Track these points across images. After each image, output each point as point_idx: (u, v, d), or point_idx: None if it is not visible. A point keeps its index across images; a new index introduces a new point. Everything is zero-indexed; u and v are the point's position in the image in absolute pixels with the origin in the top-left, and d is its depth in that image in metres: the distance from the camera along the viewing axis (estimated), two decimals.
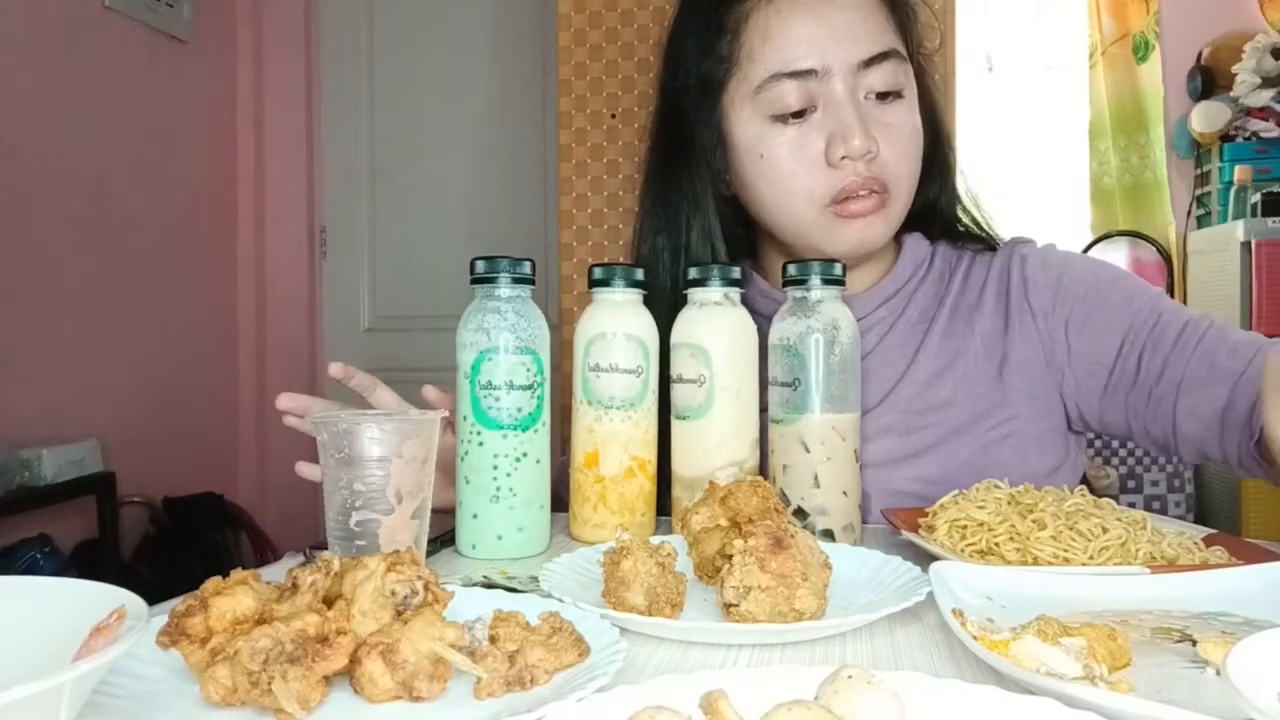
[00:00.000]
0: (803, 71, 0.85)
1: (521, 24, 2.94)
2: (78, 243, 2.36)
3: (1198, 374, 0.83)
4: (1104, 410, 0.90)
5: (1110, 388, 0.88)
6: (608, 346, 0.78)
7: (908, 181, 0.89)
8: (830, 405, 0.76)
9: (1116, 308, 0.89)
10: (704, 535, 0.64)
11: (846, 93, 0.85)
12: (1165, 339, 0.85)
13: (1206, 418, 0.82)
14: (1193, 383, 0.83)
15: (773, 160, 0.88)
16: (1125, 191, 2.77)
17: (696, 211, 0.94)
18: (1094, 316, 0.89)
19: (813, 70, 0.85)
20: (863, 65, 0.85)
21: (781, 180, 0.88)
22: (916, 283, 0.96)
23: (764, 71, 0.86)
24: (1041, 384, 0.91)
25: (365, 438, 0.64)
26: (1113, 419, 0.90)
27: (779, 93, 0.86)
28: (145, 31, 2.59)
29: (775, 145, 0.87)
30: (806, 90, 0.86)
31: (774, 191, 0.89)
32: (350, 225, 3.09)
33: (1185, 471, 2.43)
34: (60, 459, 2.22)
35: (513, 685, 0.45)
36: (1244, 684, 0.35)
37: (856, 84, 0.86)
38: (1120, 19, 2.76)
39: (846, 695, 0.38)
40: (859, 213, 0.86)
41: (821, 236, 0.88)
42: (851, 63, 0.85)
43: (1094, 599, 0.57)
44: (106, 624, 0.40)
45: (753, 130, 0.88)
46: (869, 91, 0.86)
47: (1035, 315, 0.92)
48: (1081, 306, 0.90)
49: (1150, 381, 0.85)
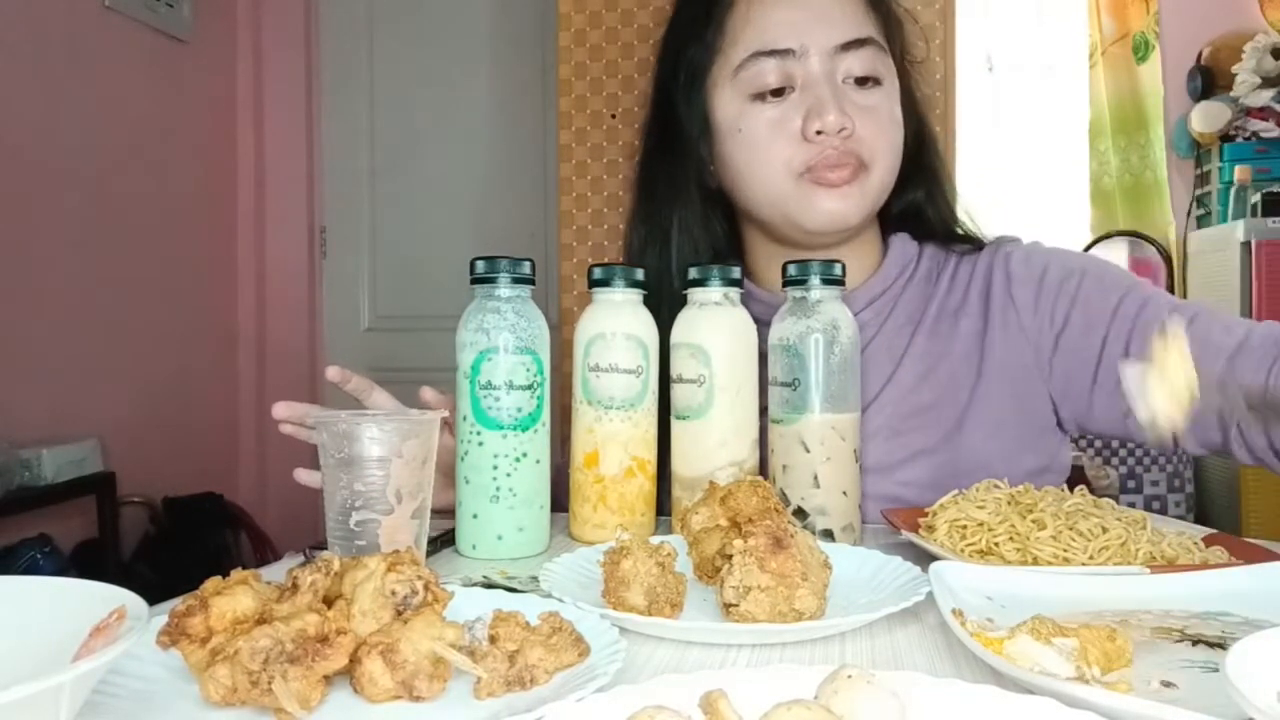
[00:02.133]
0: (781, 50, 0.87)
1: (521, 24, 2.94)
2: (78, 242, 2.36)
3: (1191, 352, 0.83)
4: (1095, 405, 0.89)
5: (1099, 379, 0.88)
6: (608, 346, 0.78)
7: (886, 161, 0.89)
8: (830, 405, 0.76)
9: (1101, 297, 0.89)
10: (704, 535, 0.64)
11: (824, 74, 0.87)
12: (1152, 324, 0.85)
13: (1204, 392, 0.81)
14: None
15: (751, 135, 0.89)
16: (1125, 191, 2.77)
17: (678, 203, 0.95)
18: (1078, 307, 0.89)
19: (791, 50, 0.87)
20: (841, 48, 0.87)
21: (759, 152, 0.88)
22: (903, 284, 0.96)
23: (744, 51, 0.88)
24: (1026, 383, 0.91)
25: (365, 438, 0.64)
26: (1103, 413, 0.89)
27: (758, 71, 0.87)
28: (145, 31, 2.59)
29: (754, 121, 0.88)
30: (785, 69, 0.87)
31: (751, 163, 0.89)
32: (350, 225, 3.09)
33: (1185, 471, 2.43)
34: (60, 459, 2.22)
35: (513, 685, 0.45)
36: (1244, 684, 0.35)
37: (834, 66, 0.87)
38: (1120, 19, 2.76)
39: (846, 695, 0.38)
40: (834, 181, 0.87)
41: (796, 206, 0.88)
42: (829, 45, 0.87)
43: (1094, 599, 0.57)
44: (106, 624, 0.40)
45: (733, 109, 0.90)
46: (847, 75, 0.88)
47: (1019, 311, 0.91)
48: (1065, 299, 0.90)
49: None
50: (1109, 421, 0.89)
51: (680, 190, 0.95)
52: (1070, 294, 0.90)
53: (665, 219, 0.96)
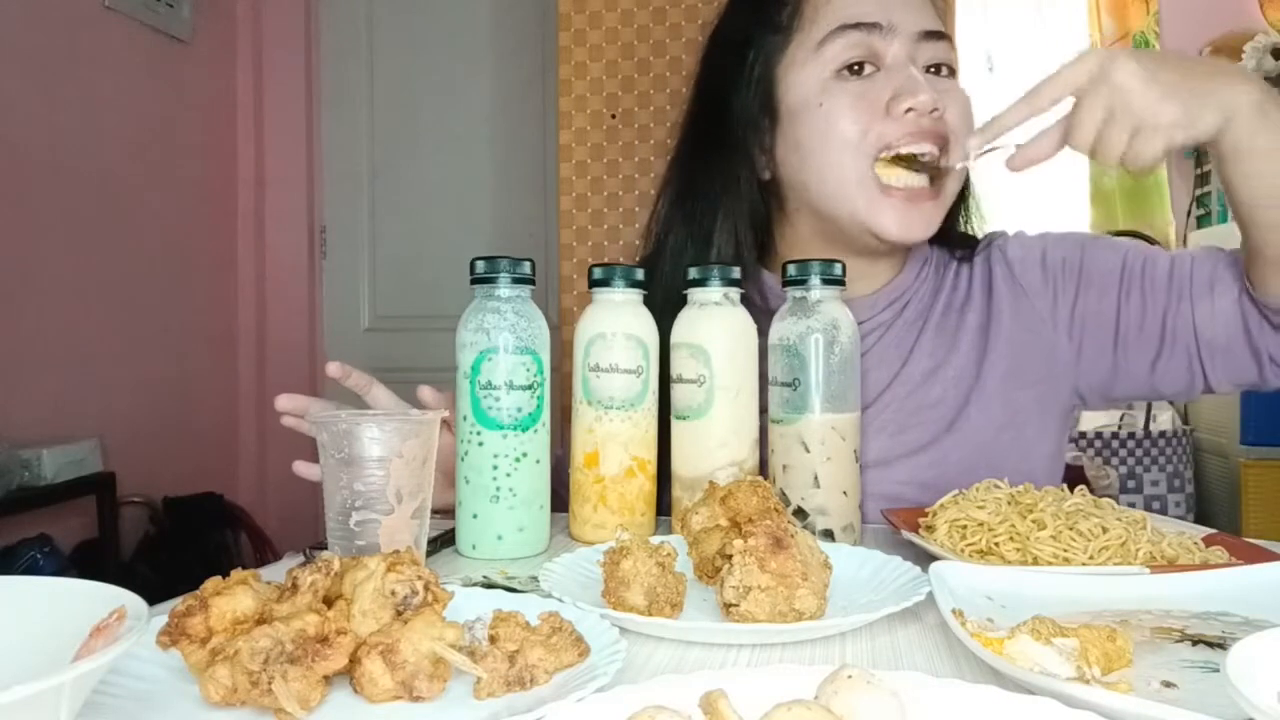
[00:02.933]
0: (868, 24, 0.86)
1: (521, 24, 2.94)
2: (78, 242, 2.36)
3: (1201, 285, 0.86)
4: (1119, 366, 0.90)
5: (1121, 338, 0.89)
6: (608, 346, 0.78)
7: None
8: (830, 405, 0.76)
9: (1103, 263, 0.91)
10: (704, 535, 0.64)
11: (908, 56, 0.86)
12: (1159, 275, 0.88)
13: (1227, 311, 0.84)
14: (1201, 292, 0.86)
15: (832, 108, 0.86)
16: (1125, 191, 2.77)
17: (726, 195, 0.93)
18: (1085, 277, 0.92)
19: (879, 24, 0.86)
20: (923, 35, 0.87)
21: (839, 124, 0.86)
22: (919, 284, 0.97)
23: (828, 25, 0.87)
24: (1037, 368, 0.92)
25: (365, 438, 0.64)
26: (1128, 372, 0.90)
27: (844, 44, 0.86)
28: (145, 31, 2.59)
29: (838, 94, 0.86)
30: (871, 44, 0.86)
31: (828, 138, 0.86)
32: (350, 225, 3.09)
33: (1185, 471, 2.43)
34: (60, 459, 2.22)
35: (513, 685, 0.45)
36: (1244, 684, 0.35)
37: (916, 52, 0.87)
38: (1120, 19, 2.76)
39: (846, 695, 0.38)
40: (912, 199, 0.85)
41: (866, 207, 0.86)
42: (914, 29, 0.86)
43: (1094, 599, 0.57)
44: (106, 624, 0.40)
45: (815, 83, 0.87)
46: (929, 62, 0.88)
47: (1031, 296, 0.93)
48: (1070, 274, 0.92)
49: (1159, 310, 0.87)
50: (1134, 379, 0.91)
51: (730, 184, 0.93)
52: (1075, 267, 0.92)
53: (709, 216, 0.93)
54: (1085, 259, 0.92)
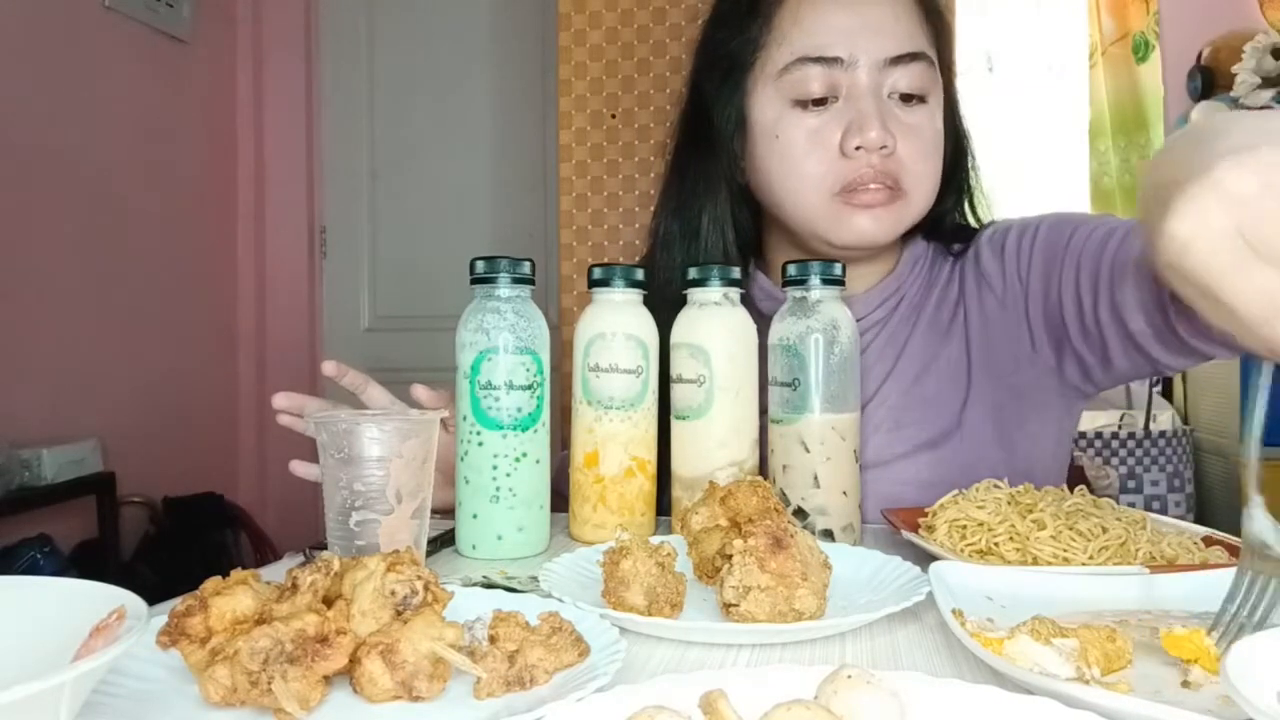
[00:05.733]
0: (829, 59, 0.85)
1: (521, 24, 2.94)
2: (78, 242, 2.36)
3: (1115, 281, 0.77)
4: (1078, 341, 0.83)
5: (1065, 310, 0.83)
6: (608, 346, 0.78)
7: (925, 184, 0.88)
8: (830, 405, 0.76)
9: (1054, 239, 0.86)
10: (704, 535, 0.64)
11: (870, 86, 0.85)
12: (1089, 248, 0.81)
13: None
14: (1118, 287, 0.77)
15: (787, 143, 0.87)
16: (1125, 191, 2.77)
17: (710, 196, 0.94)
18: (1037, 255, 0.88)
19: (839, 59, 0.85)
20: (890, 62, 0.85)
21: (794, 163, 0.87)
22: (912, 280, 0.97)
23: (790, 54, 0.86)
24: (1005, 361, 0.90)
25: (365, 437, 0.64)
26: (1089, 345, 0.83)
27: (803, 76, 0.85)
28: (145, 31, 2.59)
29: (792, 129, 0.87)
30: (830, 78, 0.85)
31: (785, 174, 0.88)
32: (350, 225, 3.08)
33: (1185, 471, 2.43)
34: (60, 459, 2.22)
35: (512, 685, 0.45)
36: (1244, 684, 0.35)
37: (881, 80, 0.85)
38: (1120, 19, 2.76)
39: (846, 695, 0.38)
40: (868, 204, 0.85)
41: (828, 225, 0.87)
42: (879, 57, 0.85)
43: (1093, 599, 0.57)
44: (106, 624, 0.40)
45: (772, 112, 0.88)
46: (893, 90, 0.86)
47: (991, 284, 0.92)
48: (1024, 254, 0.89)
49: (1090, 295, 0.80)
50: (1107, 349, 0.81)
51: (712, 185, 0.94)
52: (1029, 247, 0.89)
53: (695, 213, 0.94)
54: (1039, 237, 0.88)
